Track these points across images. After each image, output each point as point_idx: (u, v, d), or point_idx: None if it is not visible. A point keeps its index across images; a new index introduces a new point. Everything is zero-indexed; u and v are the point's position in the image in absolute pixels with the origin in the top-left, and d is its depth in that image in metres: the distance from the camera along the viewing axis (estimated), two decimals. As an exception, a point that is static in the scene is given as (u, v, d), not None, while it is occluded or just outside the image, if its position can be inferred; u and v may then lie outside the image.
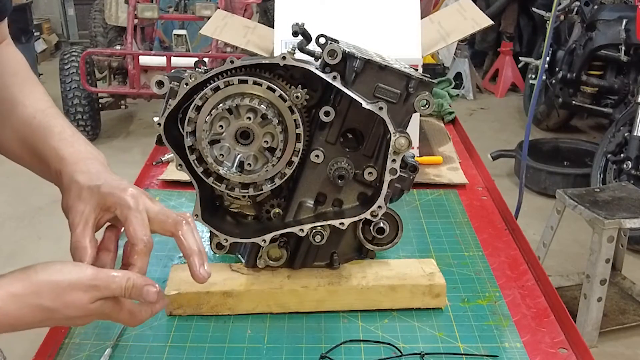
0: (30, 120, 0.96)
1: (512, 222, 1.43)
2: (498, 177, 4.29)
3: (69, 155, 0.90)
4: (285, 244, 1.12)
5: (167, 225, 0.87)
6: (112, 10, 5.58)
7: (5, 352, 1.09)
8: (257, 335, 1.06)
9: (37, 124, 0.95)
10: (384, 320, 1.09)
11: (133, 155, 4.89)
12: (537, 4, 5.52)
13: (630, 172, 3.48)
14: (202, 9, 4.89)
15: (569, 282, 3.01)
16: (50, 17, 8.35)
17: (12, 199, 3.97)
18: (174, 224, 0.87)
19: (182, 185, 1.56)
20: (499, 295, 1.17)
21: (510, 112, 5.92)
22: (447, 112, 2.12)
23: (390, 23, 1.70)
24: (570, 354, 1.02)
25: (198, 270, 0.86)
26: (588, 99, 4.64)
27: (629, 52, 4.22)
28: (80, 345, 1.03)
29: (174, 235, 0.87)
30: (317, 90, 1.06)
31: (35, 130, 0.95)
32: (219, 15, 2.16)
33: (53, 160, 0.91)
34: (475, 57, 6.80)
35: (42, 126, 0.95)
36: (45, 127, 0.95)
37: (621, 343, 2.73)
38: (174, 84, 1.03)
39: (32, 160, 0.96)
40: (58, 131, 0.94)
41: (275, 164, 1.02)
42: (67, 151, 0.91)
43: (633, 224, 2.49)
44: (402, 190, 1.12)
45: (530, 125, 2.99)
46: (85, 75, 4.59)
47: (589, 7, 4.49)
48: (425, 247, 1.33)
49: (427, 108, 1.05)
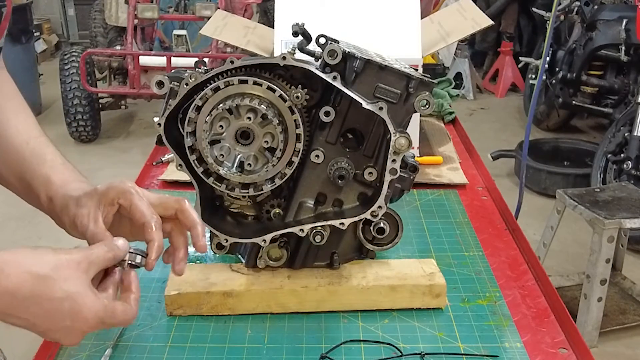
0: (23, 146, 0.99)
1: (512, 222, 1.43)
2: (498, 177, 4.29)
3: (59, 181, 0.94)
4: (285, 244, 1.12)
5: (170, 203, 0.90)
6: (112, 11, 5.58)
7: (5, 352, 1.09)
8: (257, 335, 1.06)
9: (31, 151, 0.98)
10: (384, 320, 1.09)
11: (133, 156, 4.89)
12: (537, 4, 5.52)
13: (631, 172, 3.48)
14: (202, 9, 4.89)
15: (569, 282, 3.01)
16: (51, 17, 8.35)
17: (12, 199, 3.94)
18: (176, 201, 0.90)
19: (182, 185, 1.56)
20: (499, 295, 1.17)
21: (510, 112, 5.92)
22: (447, 112, 2.12)
23: (390, 23, 1.70)
24: (571, 354, 1.02)
25: (201, 240, 0.89)
26: (588, 99, 4.64)
27: (629, 52, 4.22)
28: (80, 346, 1.03)
29: (178, 210, 0.89)
30: (317, 91, 1.06)
31: (28, 156, 0.97)
32: (219, 16, 2.16)
33: (44, 187, 0.94)
34: (475, 57, 6.80)
35: (35, 154, 0.98)
36: (39, 154, 0.98)
37: (621, 343, 2.73)
38: (174, 84, 1.03)
39: (20, 184, 0.99)
40: (50, 158, 0.98)
41: (276, 164, 1.02)
42: (57, 178, 0.94)
43: (633, 224, 2.49)
44: (402, 190, 1.12)
45: (530, 125, 2.99)
46: (85, 76, 4.59)
47: (589, 7, 4.49)
48: (425, 247, 1.33)
49: (427, 108, 1.05)
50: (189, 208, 0.90)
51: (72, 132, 4.97)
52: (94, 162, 4.65)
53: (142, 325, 1.07)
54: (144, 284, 1.16)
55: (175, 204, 0.89)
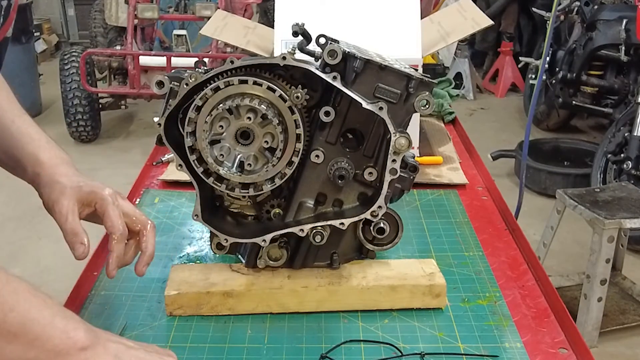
0: (8, 124, 1.06)
1: (512, 222, 1.43)
2: (498, 177, 4.29)
3: (47, 160, 1.04)
4: (285, 244, 1.12)
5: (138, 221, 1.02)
6: (112, 11, 5.58)
7: (6, 353, 1.09)
8: (257, 335, 1.06)
9: (16, 129, 1.06)
10: (384, 320, 1.09)
11: (133, 155, 4.89)
12: (537, 4, 5.52)
13: (631, 172, 3.48)
14: (202, 9, 4.89)
15: (569, 282, 3.01)
16: (51, 17, 8.34)
17: (12, 199, 3.97)
18: (143, 222, 1.03)
19: (182, 186, 1.56)
20: (499, 295, 1.17)
21: (510, 112, 5.92)
22: (447, 112, 2.12)
23: (390, 23, 1.70)
24: (571, 354, 1.02)
25: (142, 267, 1.02)
26: (588, 99, 4.64)
27: (629, 52, 4.22)
28: (80, 346, 1.03)
29: (140, 232, 1.02)
30: (317, 91, 1.06)
31: (14, 134, 1.06)
32: (219, 16, 2.16)
33: (31, 164, 1.04)
34: (475, 57, 6.80)
35: (20, 132, 1.06)
36: (24, 133, 1.06)
37: (621, 343, 2.74)
38: (174, 84, 1.03)
39: (5, 156, 1.07)
40: (37, 137, 1.06)
41: (276, 164, 1.02)
42: (45, 156, 1.04)
43: (633, 224, 2.49)
44: (402, 190, 1.12)
45: (530, 125, 2.99)
46: (85, 76, 4.59)
47: (589, 7, 4.49)
48: (425, 247, 1.33)
49: (427, 108, 1.05)
50: (149, 233, 1.03)
51: (72, 132, 4.97)
52: (94, 162, 4.65)
53: (142, 325, 1.07)
54: (144, 284, 1.17)
55: (140, 225, 1.02)
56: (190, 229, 1.38)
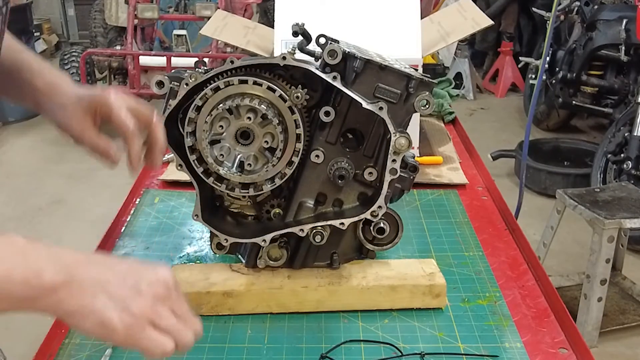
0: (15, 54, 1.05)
1: (512, 222, 1.43)
2: (498, 177, 4.29)
3: (43, 86, 1.03)
4: (285, 244, 1.12)
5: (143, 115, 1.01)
6: (112, 11, 5.58)
7: (6, 352, 1.09)
8: (257, 335, 1.06)
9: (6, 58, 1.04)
10: (384, 320, 1.09)
11: (133, 156, 4.88)
12: (537, 4, 5.52)
13: (631, 172, 3.48)
14: (202, 9, 4.89)
15: (569, 282, 3.01)
16: (51, 17, 8.34)
17: (12, 199, 3.97)
18: (149, 114, 1.02)
19: (182, 185, 1.56)
20: (499, 295, 1.17)
21: (510, 112, 5.92)
22: (447, 112, 2.12)
23: (390, 23, 1.70)
24: (571, 354, 1.02)
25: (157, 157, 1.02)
26: (588, 99, 4.63)
27: (629, 52, 4.22)
28: (80, 346, 1.03)
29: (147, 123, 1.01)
30: (317, 91, 1.06)
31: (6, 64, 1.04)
32: (219, 16, 2.16)
33: (30, 95, 1.04)
34: (475, 57, 6.79)
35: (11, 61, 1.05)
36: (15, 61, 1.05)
37: (621, 343, 2.73)
38: (174, 84, 1.03)
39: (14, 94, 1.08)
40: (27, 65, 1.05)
41: (276, 164, 1.02)
42: (40, 83, 1.04)
43: (633, 224, 2.49)
44: (402, 190, 1.12)
45: (530, 125, 2.99)
46: (85, 76, 4.59)
47: (589, 7, 4.49)
48: (425, 247, 1.33)
49: (427, 108, 1.05)
50: (156, 125, 1.01)
51: (72, 132, 4.96)
52: (94, 162, 4.63)
53: (142, 325, 1.07)
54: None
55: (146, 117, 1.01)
56: (190, 229, 1.38)
